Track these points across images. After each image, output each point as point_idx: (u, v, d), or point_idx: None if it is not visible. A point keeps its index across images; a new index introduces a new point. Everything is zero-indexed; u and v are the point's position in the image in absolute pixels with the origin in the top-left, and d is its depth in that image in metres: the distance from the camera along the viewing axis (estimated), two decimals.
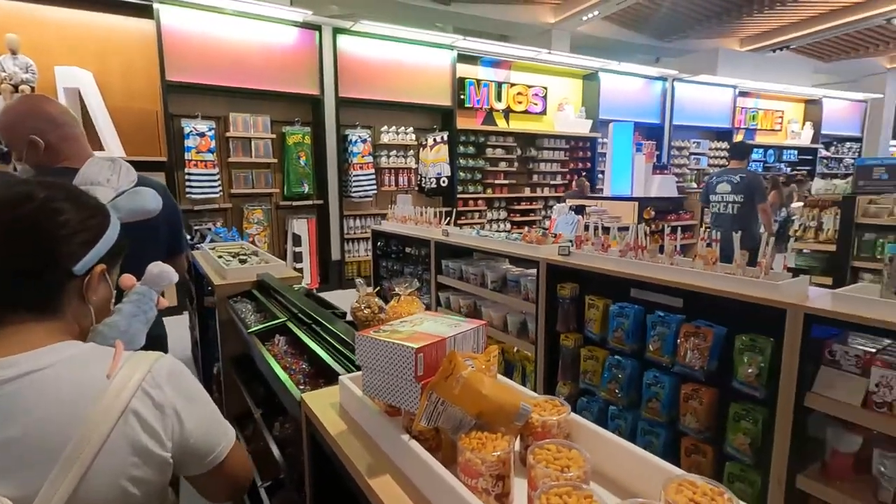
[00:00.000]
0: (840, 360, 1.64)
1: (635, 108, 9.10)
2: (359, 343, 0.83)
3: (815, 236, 4.16)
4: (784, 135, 11.23)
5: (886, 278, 1.58)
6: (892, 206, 3.72)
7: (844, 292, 1.65)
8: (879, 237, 3.77)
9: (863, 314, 1.51)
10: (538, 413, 0.77)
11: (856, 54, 12.53)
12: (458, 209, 7.60)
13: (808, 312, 1.62)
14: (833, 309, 1.58)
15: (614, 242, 2.55)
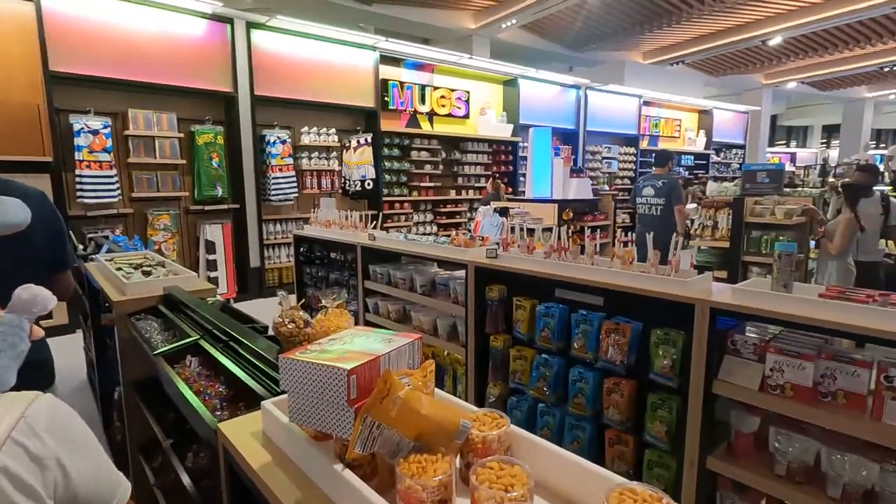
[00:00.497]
0: (740, 348, 1.79)
1: (552, 113, 9.53)
2: (283, 366, 0.76)
3: (711, 234, 4.58)
4: (682, 141, 12.33)
5: (776, 273, 1.75)
6: (773, 207, 4.18)
7: (742, 287, 1.81)
8: (764, 234, 4.23)
9: (758, 306, 1.67)
10: (478, 428, 0.75)
11: (738, 70, 14.07)
12: (384, 212, 7.51)
13: (713, 306, 1.76)
14: (734, 302, 1.73)
15: (539, 244, 2.63)
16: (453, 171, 8.61)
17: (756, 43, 11.17)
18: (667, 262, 2.06)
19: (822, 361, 1.59)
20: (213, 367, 1.46)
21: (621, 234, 7.42)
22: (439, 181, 8.38)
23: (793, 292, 1.72)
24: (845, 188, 3.63)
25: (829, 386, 1.59)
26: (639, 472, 2.13)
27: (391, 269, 3.45)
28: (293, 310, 1.20)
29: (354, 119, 7.41)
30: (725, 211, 4.45)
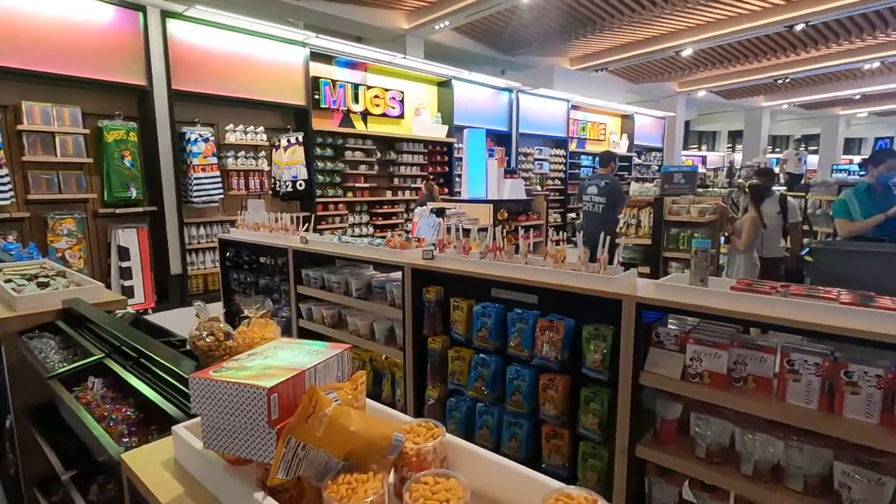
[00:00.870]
0: (664, 340, 1.89)
1: (486, 115, 9.70)
2: (194, 387, 0.68)
3: (635, 232, 4.84)
4: (608, 144, 13.00)
5: (693, 268, 1.86)
6: (689, 206, 4.50)
7: (664, 282, 1.91)
8: (681, 231, 4.53)
9: (679, 300, 1.77)
10: (412, 441, 0.71)
11: (655, 79, 15.07)
12: (318, 213, 7.28)
13: (638, 301, 1.84)
14: (657, 297, 1.82)
15: (475, 244, 2.64)
16: (389, 171, 8.51)
17: (670, 54, 12.01)
18: (612, 259, 2.13)
19: (735, 349, 1.71)
20: (120, 389, 1.32)
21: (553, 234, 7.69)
22: (375, 182, 8.25)
23: (708, 286, 1.84)
24: (751, 189, 3.98)
25: (740, 372, 1.72)
26: (574, 465, 2.19)
27: (325, 273, 3.33)
28: (212, 321, 1.11)
29: (284, 117, 7.12)
30: (647, 210, 4.73)
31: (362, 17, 9.43)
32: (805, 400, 1.57)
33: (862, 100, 18.03)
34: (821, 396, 1.55)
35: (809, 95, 17.31)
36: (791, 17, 9.57)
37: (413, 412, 2.81)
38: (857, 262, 2.77)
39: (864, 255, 2.83)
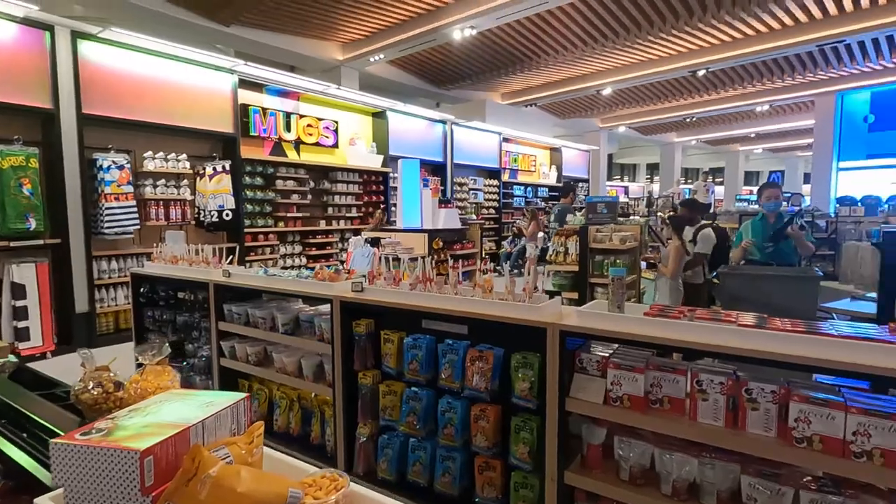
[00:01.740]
0: (587, 366, 1.95)
1: (421, 146, 9.85)
2: (56, 454, 0.59)
3: (563, 259, 5.03)
4: (538, 175, 13.61)
5: (610, 295, 1.95)
6: (611, 234, 4.76)
7: (585, 309, 1.99)
8: (605, 258, 4.77)
9: (599, 326, 1.84)
10: (312, 495, 0.67)
11: (580, 115, 16.09)
12: (247, 244, 6.97)
13: (562, 329, 1.90)
14: (579, 324, 1.88)
15: (405, 275, 2.62)
16: (323, 200, 8.36)
17: (592, 92, 12.91)
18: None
19: (651, 372, 1.80)
20: None
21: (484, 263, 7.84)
22: (308, 211, 8.06)
23: (624, 312, 1.93)
24: (671, 219, 4.28)
25: (656, 394, 1.80)
26: (507, 496, 2.18)
27: (250, 308, 3.17)
28: (100, 370, 1.00)
29: (211, 145, 6.83)
30: (574, 238, 4.94)
31: (296, 46, 9.38)
32: (713, 418, 1.67)
33: (756, 137, 20.22)
34: (726, 414, 1.66)
35: (713, 133, 19.17)
36: (694, 64, 10.64)
37: (343, 452, 2.69)
38: (756, 285, 3.04)
39: (760, 279, 3.11)
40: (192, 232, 6.45)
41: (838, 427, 1.44)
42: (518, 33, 9.44)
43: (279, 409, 3.08)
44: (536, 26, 9.09)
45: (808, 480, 1.53)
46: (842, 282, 5.56)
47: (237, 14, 8.08)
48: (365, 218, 8.79)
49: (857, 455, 1.41)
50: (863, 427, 1.40)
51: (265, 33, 8.91)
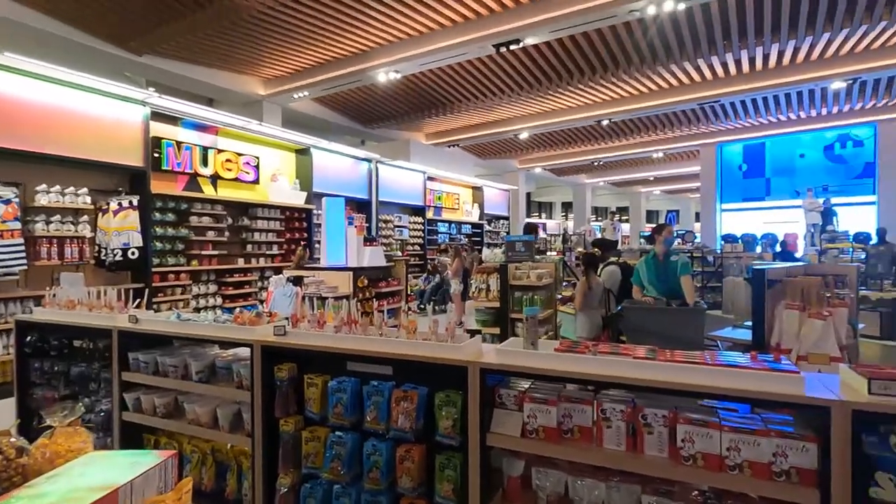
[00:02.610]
0: (505, 401, 2.06)
1: (346, 183, 9.88)
2: None
3: (486, 296, 5.23)
4: (461, 213, 14.08)
5: (525, 333, 2.11)
6: (529, 271, 5.05)
7: (503, 347, 2.12)
8: (524, 294, 5.03)
9: (515, 363, 1.97)
10: None
11: (500, 156, 17.02)
12: (155, 284, 6.50)
13: (482, 367, 2.01)
14: (498, 362, 2.00)
15: (330, 317, 2.63)
16: (242, 237, 8.04)
17: (511, 136, 13.76)
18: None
19: (562, 404, 1.95)
20: None
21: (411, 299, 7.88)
22: (225, 248, 7.70)
23: (538, 349, 2.09)
24: (582, 258, 4.66)
25: (567, 424, 1.95)
26: None
27: (159, 356, 2.98)
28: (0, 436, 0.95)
29: (117, 179, 6.39)
30: (495, 275, 5.17)
31: (215, 79, 9.16)
32: (616, 443, 1.84)
33: (655, 181, 22.49)
34: (627, 439, 1.83)
35: (618, 175, 21.05)
36: (599, 114, 11.77)
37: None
38: (653, 318, 3.38)
39: (656, 312, 3.47)
40: (90, 272, 5.91)
41: (715, 444, 1.66)
42: (441, 79, 9.94)
43: (190, 464, 2.87)
44: (458, 73, 9.63)
45: (695, 495, 1.73)
46: (724, 312, 6.28)
47: (151, 44, 7.79)
48: (286, 255, 8.56)
49: (731, 468, 1.63)
50: (734, 443, 1.63)
51: (182, 64, 8.64)
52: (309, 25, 7.46)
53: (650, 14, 6.81)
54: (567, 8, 6.93)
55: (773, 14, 7.28)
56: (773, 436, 1.59)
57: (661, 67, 9.05)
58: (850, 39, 8.18)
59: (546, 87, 10.06)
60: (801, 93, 10.84)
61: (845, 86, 9.80)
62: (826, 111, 12.30)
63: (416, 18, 7.51)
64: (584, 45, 8.42)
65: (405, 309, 2.46)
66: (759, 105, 11.80)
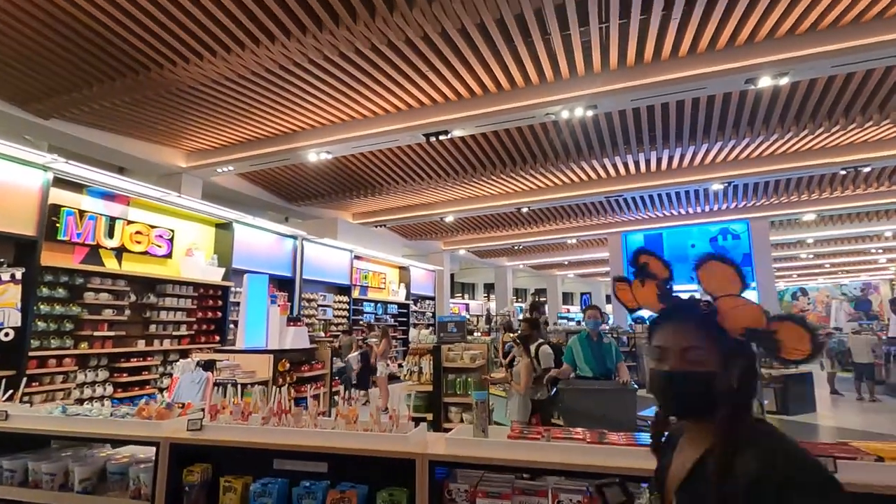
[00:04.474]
0: (456, 498, 1.90)
1: (269, 260, 9.46)
2: None
3: (418, 379, 5.05)
4: (388, 292, 13.91)
5: (475, 419, 2.01)
6: (462, 353, 4.98)
7: (453, 436, 1.99)
8: (457, 377, 4.92)
9: (469, 454, 1.85)
10: None
11: (425, 237, 17.41)
12: (30, 371, 5.53)
13: (431, 459, 1.86)
14: (449, 452, 1.87)
15: (256, 407, 2.35)
16: (145, 316, 7.23)
17: (437, 218, 14.22)
18: None
19: (517, 497, 1.83)
20: None
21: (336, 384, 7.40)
22: (123, 329, 6.85)
23: (489, 435, 1.99)
24: (521, 339, 4.68)
25: None
26: None
27: (31, 461, 2.45)
28: None
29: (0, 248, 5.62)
30: (427, 357, 5.04)
31: (130, 148, 8.72)
32: None
33: (569, 265, 24.01)
34: None
35: (536, 259, 22.24)
36: (519, 202, 12.60)
37: None
38: (588, 399, 3.41)
39: (590, 393, 3.51)
40: None
41: None
42: (371, 161, 10.21)
43: None
44: (388, 157, 9.97)
45: None
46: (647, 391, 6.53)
47: (60, 108, 7.32)
48: (195, 337, 7.80)
49: None
50: None
51: (92, 130, 8.16)
52: (239, 103, 7.46)
53: (564, 117, 7.64)
54: (491, 107, 7.60)
55: (663, 126, 8.48)
56: None
57: (573, 163, 10.04)
58: (724, 150, 9.69)
59: (471, 174, 10.67)
60: (688, 192, 12.45)
61: (722, 188, 11.42)
62: (709, 208, 14.16)
63: (350, 105, 7.81)
64: (506, 140, 9.17)
65: (344, 396, 2.27)
66: (654, 200, 13.33)
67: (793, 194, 12.54)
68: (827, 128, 8.27)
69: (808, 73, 6.58)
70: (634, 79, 6.88)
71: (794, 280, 28.17)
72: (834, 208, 13.04)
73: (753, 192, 12.54)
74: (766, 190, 12.39)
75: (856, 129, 8.53)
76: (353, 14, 5.50)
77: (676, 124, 8.43)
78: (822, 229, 16.16)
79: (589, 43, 6.35)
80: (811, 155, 9.95)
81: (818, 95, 7.44)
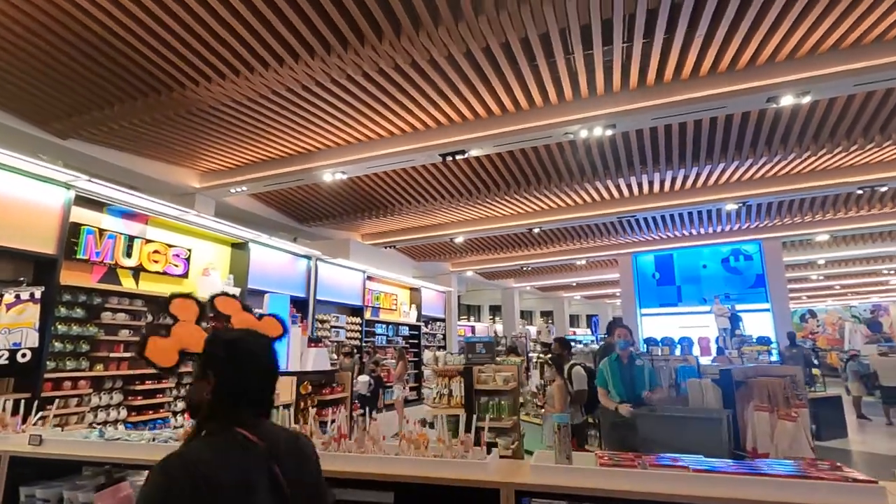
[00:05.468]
0: None
1: (283, 280, 9.34)
2: None
3: (447, 402, 4.87)
4: (399, 314, 13.73)
5: (558, 445, 1.87)
6: (494, 374, 4.82)
7: (537, 464, 1.84)
8: (490, 399, 4.74)
9: (558, 483, 1.70)
10: None
11: (434, 258, 17.32)
12: (45, 394, 5.36)
13: (517, 489, 1.71)
14: (536, 481, 1.72)
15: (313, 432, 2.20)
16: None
17: (447, 239, 14.15)
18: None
19: None
20: None
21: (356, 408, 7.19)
22: None
23: (573, 462, 1.84)
24: (554, 360, 4.52)
25: None
26: None
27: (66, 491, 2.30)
28: None
29: (17, 267, 5.51)
30: (458, 379, 4.88)
31: (145, 168, 8.70)
32: None
33: (577, 286, 23.84)
34: None
35: (544, 281, 22.09)
36: (530, 223, 12.54)
37: None
38: (666, 427, 3.15)
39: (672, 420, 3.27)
40: None
41: None
42: (384, 181, 10.18)
43: None
44: (401, 177, 9.94)
45: None
46: None
47: (78, 128, 7.32)
48: None
49: None
50: None
51: (108, 150, 8.15)
52: (258, 122, 7.45)
53: (582, 137, 7.62)
54: (510, 126, 7.59)
55: (680, 146, 8.47)
56: None
57: (588, 183, 10.00)
58: (739, 169, 9.66)
59: (485, 195, 10.64)
60: (700, 212, 12.40)
61: (736, 207, 11.37)
62: (721, 228, 14.09)
63: (367, 125, 7.80)
64: (521, 160, 9.15)
65: (405, 417, 2.13)
66: (667, 221, 13.27)
67: (806, 214, 12.49)
68: (845, 147, 8.25)
69: (830, 92, 6.58)
70: (655, 98, 6.88)
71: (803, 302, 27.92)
72: (847, 228, 12.97)
73: (767, 212, 12.48)
74: (779, 210, 12.33)
75: (875, 149, 8.51)
76: (379, 34, 5.51)
77: (693, 144, 8.41)
78: (833, 250, 16.06)
79: (611, 63, 6.36)
80: (827, 174, 9.92)
81: (837, 114, 7.44)
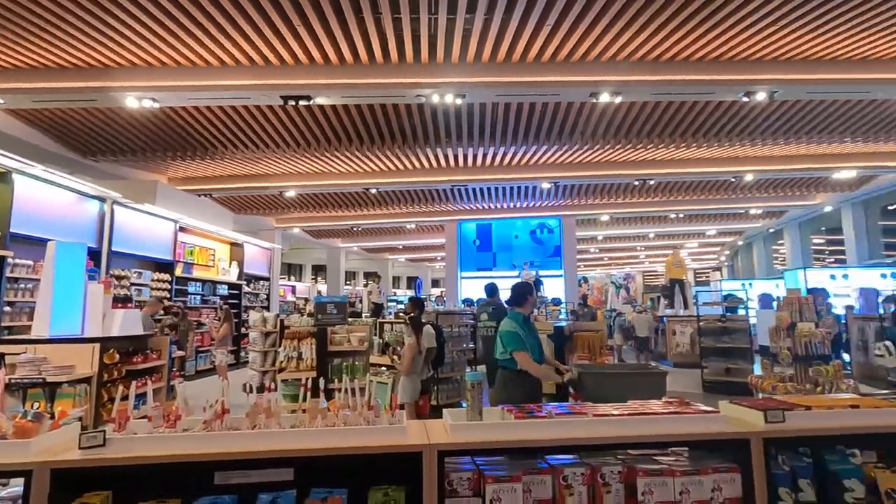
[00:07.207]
0: (458, 488, 1.77)
1: (64, 226, 7.40)
2: None
3: (296, 366, 4.57)
4: (217, 271, 12.21)
5: (471, 402, 1.90)
6: (348, 335, 4.68)
7: (455, 422, 1.84)
8: (343, 361, 4.60)
9: (478, 439, 1.73)
10: None
11: (257, 212, 15.75)
12: None
13: (440, 449, 1.68)
14: (457, 440, 1.72)
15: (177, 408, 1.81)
16: None
17: (276, 192, 12.97)
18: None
19: (526, 477, 1.78)
20: None
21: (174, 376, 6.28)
22: None
23: (484, 419, 1.89)
24: (412, 320, 4.53)
25: (527, 499, 1.79)
26: None
27: None
28: None
29: None
30: (308, 341, 4.60)
31: None
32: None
33: (403, 249, 24.57)
34: (588, 502, 1.79)
35: (372, 242, 22.17)
36: (367, 182, 12.32)
37: None
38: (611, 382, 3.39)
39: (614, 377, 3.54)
40: None
41: (670, 491, 1.77)
42: (203, 116, 8.68)
43: None
44: (229, 116, 8.63)
45: None
46: None
47: None
48: None
49: None
50: (685, 486, 1.78)
51: None
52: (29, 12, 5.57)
53: (434, 101, 7.68)
54: (363, 78, 7.21)
55: (515, 124, 9.22)
56: (711, 472, 1.80)
57: (429, 149, 10.22)
58: (558, 153, 11.01)
59: (324, 148, 9.98)
60: (518, 187, 13.84)
61: (549, 186, 13.01)
62: (532, 204, 15.99)
63: (191, 46, 6.50)
64: (367, 116, 8.80)
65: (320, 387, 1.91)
66: (490, 192, 14.48)
67: (597, 197, 14.99)
68: (633, 144, 10.07)
69: (635, 97, 7.89)
70: (503, 75, 7.29)
71: (581, 270, 34.02)
72: (623, 212, 16.05)
73: (570, 193, 14.59)
74: (579, 192, 14.53)
75: (652, 148, 10.58)
76: None
77: (526, 124, 9.23)
78: (609, 229, 19.76)
79: (471, 31, 6.48)
80: (616, 166, 12.02)
81: (633, 117, 8.99)
